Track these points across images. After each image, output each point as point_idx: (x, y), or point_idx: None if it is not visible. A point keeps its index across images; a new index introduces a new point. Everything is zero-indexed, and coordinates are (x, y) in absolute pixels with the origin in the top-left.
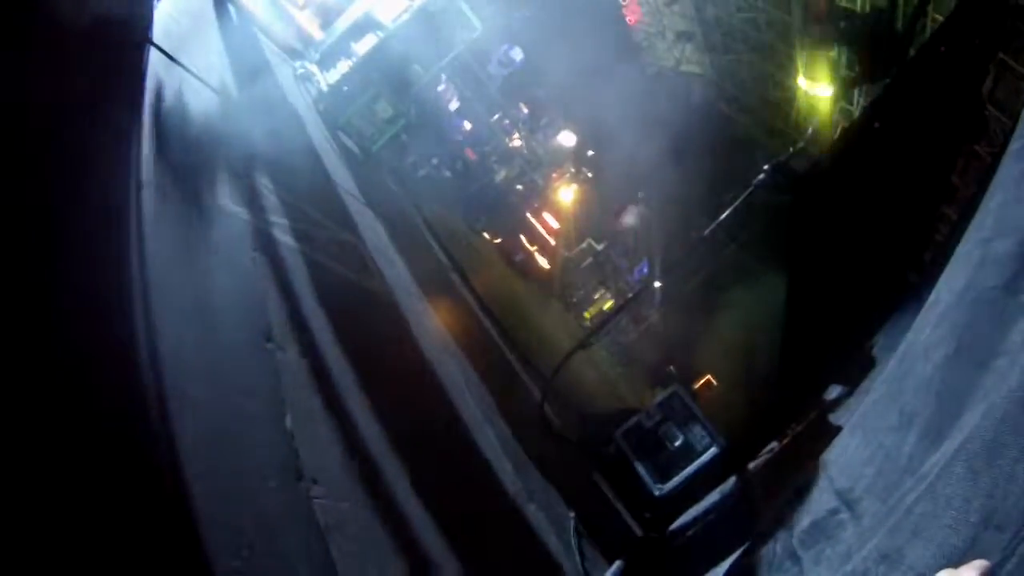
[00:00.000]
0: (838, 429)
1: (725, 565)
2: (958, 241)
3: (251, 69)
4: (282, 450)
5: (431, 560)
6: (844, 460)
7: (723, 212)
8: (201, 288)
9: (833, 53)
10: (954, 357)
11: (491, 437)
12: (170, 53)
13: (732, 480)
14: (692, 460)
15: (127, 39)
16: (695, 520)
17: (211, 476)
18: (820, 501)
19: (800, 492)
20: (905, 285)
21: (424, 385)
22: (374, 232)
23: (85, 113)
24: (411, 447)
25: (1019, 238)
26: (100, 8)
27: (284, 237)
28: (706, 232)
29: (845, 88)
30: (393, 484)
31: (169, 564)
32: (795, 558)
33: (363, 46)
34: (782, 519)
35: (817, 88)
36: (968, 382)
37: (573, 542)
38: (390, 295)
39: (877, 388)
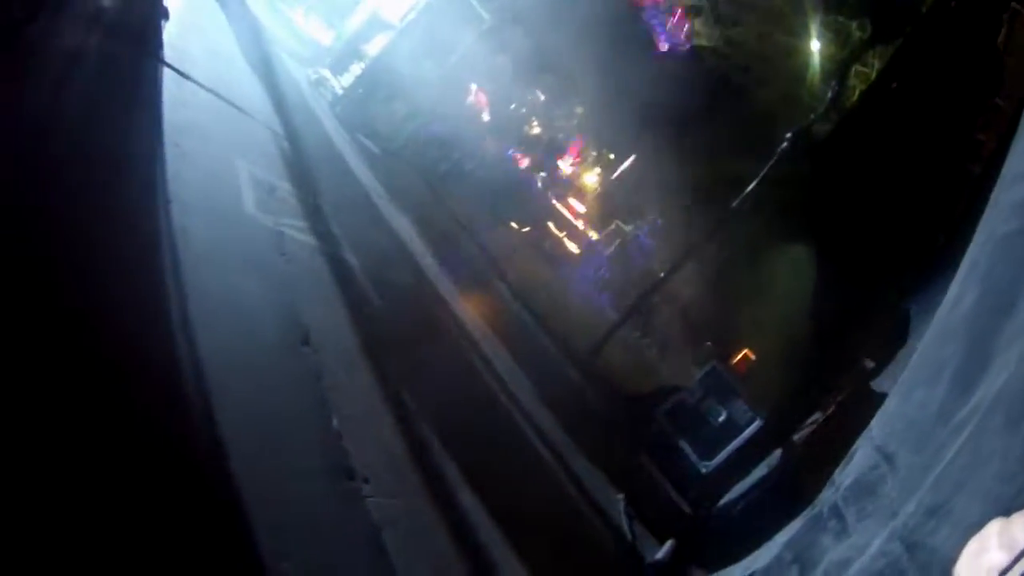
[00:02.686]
0: (881, 395)
1: (776, 538)
2: (984, 196)
3: (264, 77)
4: (331, 450)
5: (483, 549)
6: (883, 419)
7: (748, 185)
8: (234, 295)
9: (845, 15)
10: (979, 304)
11: (534, 424)
12: (182, 71)
13: (778, 453)
14: (736, 435)
15: (141, 59)
16: (743, 495)
17: (260, 479)
18: (862, 458)
19: (849, 458)
20: (935, 245)
21: (465, 377)
22: (402, 228)
23: (108, 132)
24: (456, 440)
25: None
26: (114, 30)
27: (312, 240)
28: (735, 203)
29: (860, 50)
30: (442, 477)
31: (223, 566)
32: (839, 516)
33: (373, 47)
34: (831, 483)
35: (830, 52)
36: (994, 328)
37: (624, 523)
38: (423, 290)
39: (918, 349)
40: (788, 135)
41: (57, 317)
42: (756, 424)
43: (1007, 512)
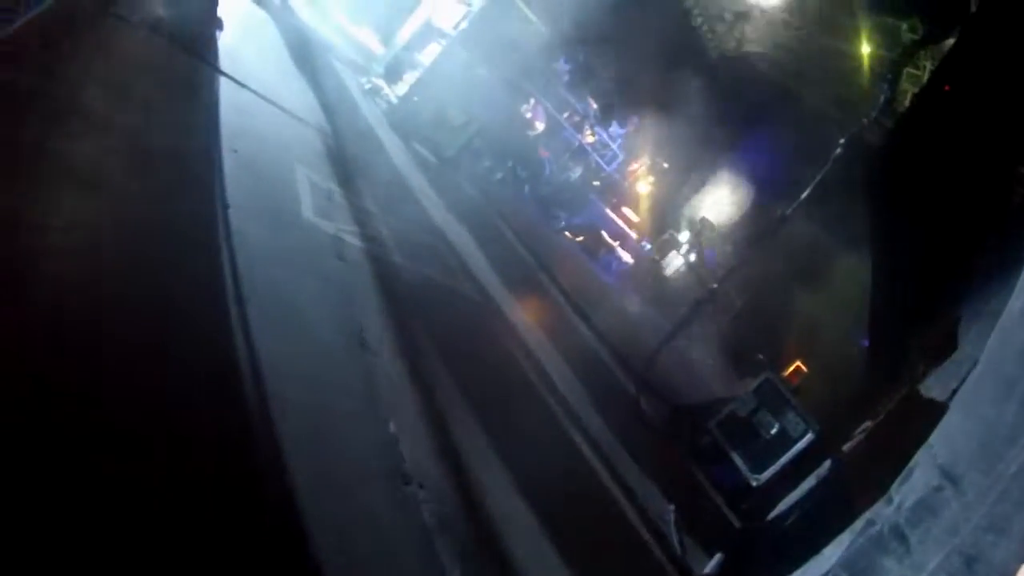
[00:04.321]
0: (931, 402)
1: (827, 552)
2: None
3: (318, 85)
4: (388, 454)
5: (532, 556)
6: (946, 436)
7: (802, 191)
8: (293, 299)
9: (896, 17)
10: None
11: (588, 433)
12: (238, 79)
13: (827, 463)
14: (788, 448)
15: (197, 67)
16: (793, 507)
17: (318, 481)
18: (924, 478)
19: (907, 474)
20: (988, 251)
21: (519, 383)
22: (457, 235)
23: (167, 138)
24: (510, 445)
25: None
26: (171, 39)
27: (368, 245)
28: (788, 211)
29: (909, 51)
30: (495, 484)
31: (278, 565)
32: (902, 537)
33: (427, 56)
34: (890, 501)
35: (880, 54)
36: None
37: (673, 535)
38: (478, 296)
39: (981, 361)
40: (841, 141)
41: (119, 322)
42: (809, 436)
43: None
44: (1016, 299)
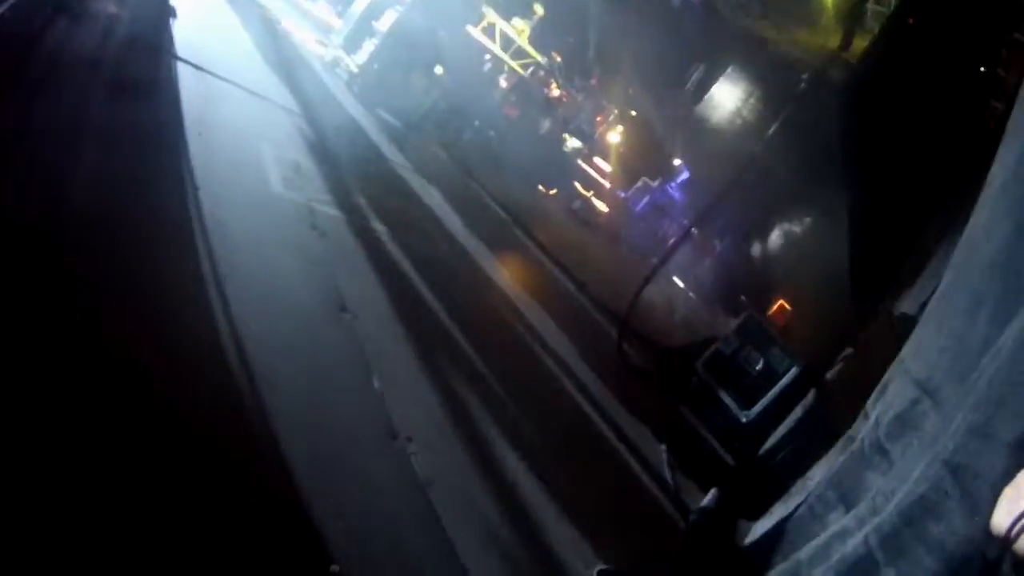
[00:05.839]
0: (904, 317)
1: (812, 473)
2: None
3: (279, 63)
4: (374, 412)
5: (527, 502)
6: (920, 351)
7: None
8: (269, 270)
9: None
10: (1015, 233)
11: (575, 380)
12: (197, 64)
13: (812, 393)
14: (775, 382)
15: (153, 55)
16: (782, 440)
17: (308, 443)
18: (901, 394)
19: (881, 389)
20: (960, 181)
21: (503, 336)
22: (430, 198)
23: (130, 126)
24: (499, 398)
25: None
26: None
27: (341, 212)
28: (759, 149)
29: None
30: (486, 435)
31: (279, 531)
32: (883, 452)
33: (384, 23)
34: (867, 417)
35: None
36: None
37: (667, 475)
38: (456, 255)
39: (945, 276)
40: (803, 77)
41: (102, 308)
42: (794, 370)
43: None
44: (978, 213)
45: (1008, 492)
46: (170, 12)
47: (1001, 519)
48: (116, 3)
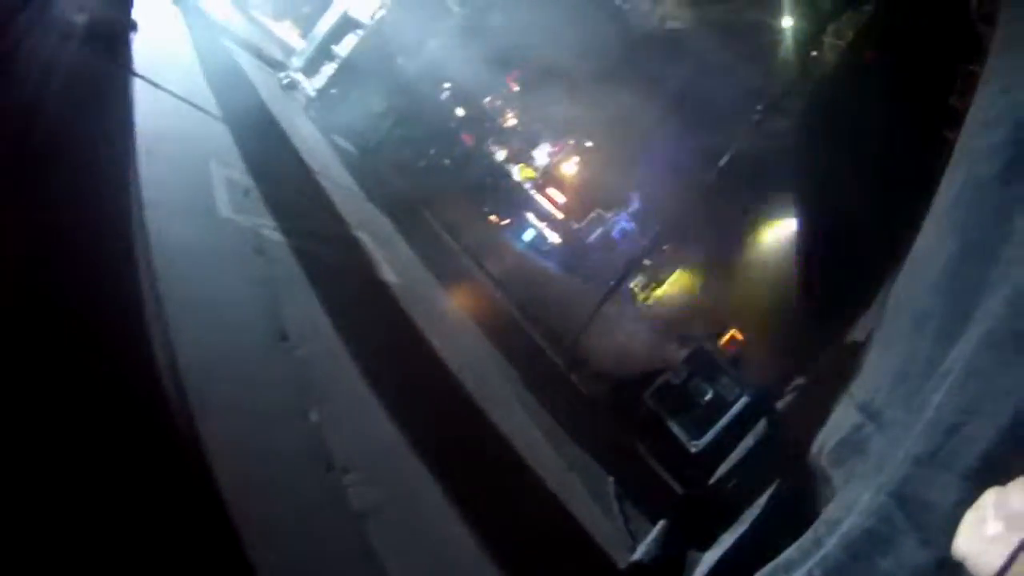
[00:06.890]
0: (854, 345)
1: (760, 502)
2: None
3: (234, 84)
4: (310, 442)
5: (471, 537)
6: (863, 374)
7: (722, 159)
8: (211, 295)
9: None
10: (959, 254)
11: (521, 412)
12: (152, 80)
13: (762, 422)
14: (724, 412)
15: (111, 69)
16: (733, 469)
17: (241, 473)
18: (844, 419)
19: (826, 416)
20: (913, 211)
21: (448, 368)
22: (380, 226)
23: (81, 139)
24: (441, 430)
25: (1009, 127)
26: (85, 41)
27: (287, 239)
28: (711, 179)
29: (826, 21)
30: (426, 467)
31: (208, 560)
32: (826, 479)
33: (344, 47)
34: (812, 444)
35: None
36: (977, 277)
37: (615, 506)
38: (403, 285)
39: (889, 299)
40: (758, 108)
41: (35, 321)
42: (744, 399)
43: (996, 459)
44: (923, 236)
45: (969, 517)
46: (132, 25)
47: (964, 545)
48: (77, 12)
